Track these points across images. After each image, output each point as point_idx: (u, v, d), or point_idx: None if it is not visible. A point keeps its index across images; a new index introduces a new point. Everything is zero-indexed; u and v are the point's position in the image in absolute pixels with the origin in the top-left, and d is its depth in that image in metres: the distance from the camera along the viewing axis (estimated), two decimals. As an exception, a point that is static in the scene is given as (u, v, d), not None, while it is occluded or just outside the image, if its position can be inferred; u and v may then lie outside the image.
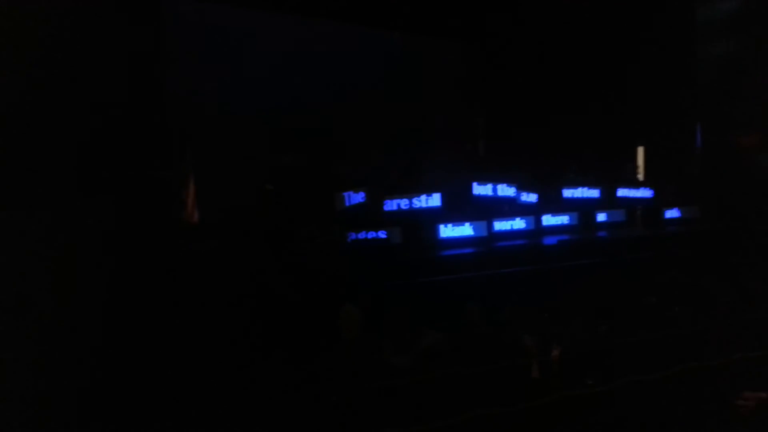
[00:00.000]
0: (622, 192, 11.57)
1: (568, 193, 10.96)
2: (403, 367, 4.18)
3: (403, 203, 8.88)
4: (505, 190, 9.87)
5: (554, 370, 3.83)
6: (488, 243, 8.88)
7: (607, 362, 3.99)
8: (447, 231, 8.64)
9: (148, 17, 7.41)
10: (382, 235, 8.31)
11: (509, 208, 9.89)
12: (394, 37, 12.87)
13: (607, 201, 11.23)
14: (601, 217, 10.84)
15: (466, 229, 8.78)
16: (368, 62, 12.18)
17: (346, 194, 8.57)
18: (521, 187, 10.07)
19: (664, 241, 9.75)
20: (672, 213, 11.35)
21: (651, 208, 11.44)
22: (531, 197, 10.32)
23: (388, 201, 8.86)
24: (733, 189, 11.66)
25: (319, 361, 4.40)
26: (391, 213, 8.84)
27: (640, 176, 13.55)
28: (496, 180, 9.85)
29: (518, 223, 9.62)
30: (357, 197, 8.81)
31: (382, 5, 11.54)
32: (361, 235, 8.22)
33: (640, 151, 14.09)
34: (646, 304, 5.77)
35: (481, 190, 9.74)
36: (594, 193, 11.08)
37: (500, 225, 9.34)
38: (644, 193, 11.66)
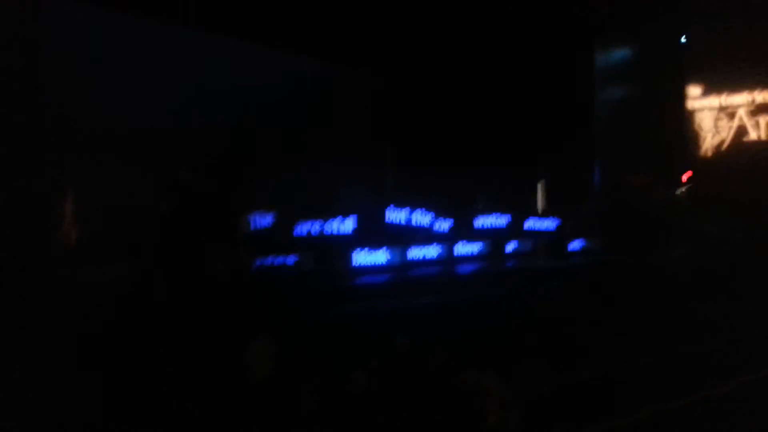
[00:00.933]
0: (529, 223, 11.78)
1: (479, 222, 10.95)
2: (328, 414, 3.55)
3: (315, 227, 8.29)
4: (421, 217, 9.60)
5: (514, 417, 3.33)
6: (402, 270, 8.52)
7: (575, 406, 3.62)
8: (361, 257, 8.17)
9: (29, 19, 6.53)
10: (291, 260, 7.67)
11: (424, 235, 9.62)
12: (307, 61, 12.44)
13: (516, 231, 11.36)
14: (510, 246, 10.95)
15: (380, 256, 8.37)
16: (278, 84, 11.64)
17: (252, 216, 7.82)
18: (436, 215, 9.89)
19: (586, 271, 9.94)
20: (575, 245, 11.71)
21: (556, 240, 11.74)
22: (444, 225, 10.15)
23: (299, 224, 8.23)
24: (628, 224, 12.25)
25: (225, 407, 3.67)
26: (302, 237, 8.21)
27: (540, 208, 13.96)
28: (412, 206, 9.55)
29: (432, 251, 9.39)
30: (265, 220, 8.07)
31: (295, 29, 11.20)
32: (269, 261, 7.53)
33: (540, 185, 14.60)
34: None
35: (395, 216, 9.39)
36: (503, 221, 11.16)
37: (414, 252, 9.06)
38: (550, 224, 11.94)
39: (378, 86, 14.15)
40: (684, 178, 14.29)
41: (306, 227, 8.24)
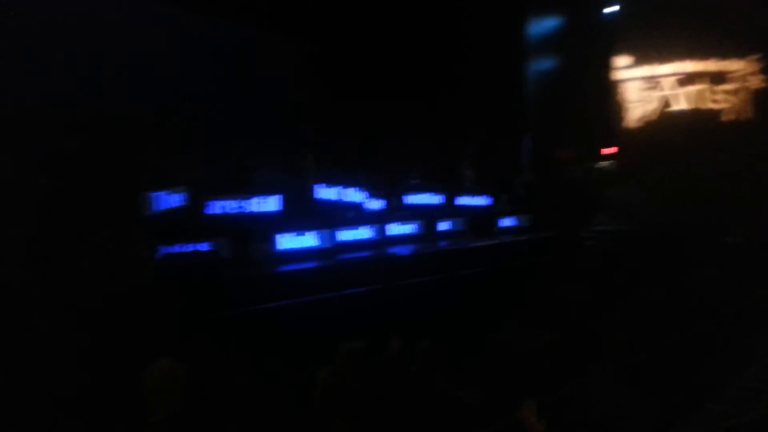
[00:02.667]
0: (461, 200, 11.27)
1: (410, 200, 10.26)
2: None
3: (232, 206, 7.16)
4: (353, 195, 8.73)
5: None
6: (332, 255, 7.63)
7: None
8: (288, 241, 7.18)
9: None
10: (204, 247, 6.53)
11: (355, 215, 8.77)
12: (222, 24, 11.08)
13: (448, 209, 10.82)
14: (443, 225, 10.38)
15: (309, 240, 7.42)
16: (186, 48, 10.20)
17: (157, 195, 6.55)
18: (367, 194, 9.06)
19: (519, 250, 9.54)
20: (507, 222, 11.38)
21: (487, 217, 11.31)
22: (376, 204, 9.36)
23: (211, 203, 7.05)
24: (557, 200, 12.06)
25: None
26: (215, 218, 7.06)
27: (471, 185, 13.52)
28: (343, 184, 8.64)
29: (364, 232, 8.57)
30: (174, 199, 6.80)
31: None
32: (176, 249, 6.34)
33: (471, 161, 14.12)
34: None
35: (326, 193, 8.43)
36: (436, 199, 10.56)
37: (345, 234, 8.19)
38: (482, 201, 11.52)
39: (296, 55, 12.96)
40: (608, 151, 14.38)
41: (220, 205, 7.10)
